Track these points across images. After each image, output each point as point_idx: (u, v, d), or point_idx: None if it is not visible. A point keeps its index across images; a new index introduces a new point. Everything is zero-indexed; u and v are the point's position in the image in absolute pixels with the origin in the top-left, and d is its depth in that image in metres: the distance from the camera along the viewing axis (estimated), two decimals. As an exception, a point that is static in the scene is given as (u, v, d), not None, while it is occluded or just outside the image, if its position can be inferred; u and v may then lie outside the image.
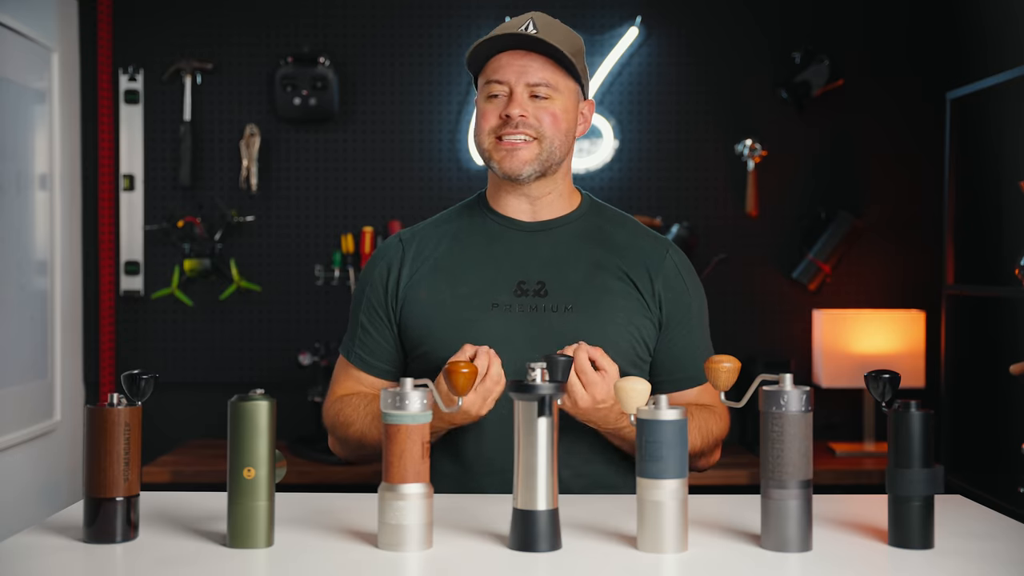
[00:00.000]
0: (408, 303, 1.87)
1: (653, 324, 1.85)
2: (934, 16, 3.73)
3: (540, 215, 1.89)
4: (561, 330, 1.79)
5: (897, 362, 3.47)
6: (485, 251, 1.87)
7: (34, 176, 3.36)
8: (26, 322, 3.28)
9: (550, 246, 1.87)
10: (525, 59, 1.80)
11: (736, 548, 1.42)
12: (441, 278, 1.86)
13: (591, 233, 1.90)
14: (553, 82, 1.81)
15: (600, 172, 3.76)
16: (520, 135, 1.80)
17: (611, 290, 1.84)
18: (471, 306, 1.82)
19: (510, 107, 1.79)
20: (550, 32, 1.80)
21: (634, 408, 1.43)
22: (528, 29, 1.79)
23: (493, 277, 1.84)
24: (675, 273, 1.88)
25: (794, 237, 3.76)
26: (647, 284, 1.86)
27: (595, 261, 1.86)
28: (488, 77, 1.83)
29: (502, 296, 1.82)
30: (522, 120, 1.79)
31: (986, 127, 3.40)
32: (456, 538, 1.46)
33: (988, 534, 1.51)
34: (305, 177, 3.77)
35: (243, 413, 1.39)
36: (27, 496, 3.31)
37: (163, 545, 1.42)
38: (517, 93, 1.80)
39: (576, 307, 1.82)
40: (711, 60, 3.77)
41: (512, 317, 1.81)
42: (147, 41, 3.74)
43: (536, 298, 1.82)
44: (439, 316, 1.83)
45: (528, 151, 1.81)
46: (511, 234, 1.88)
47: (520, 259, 1.86)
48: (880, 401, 1.43)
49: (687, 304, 1.88)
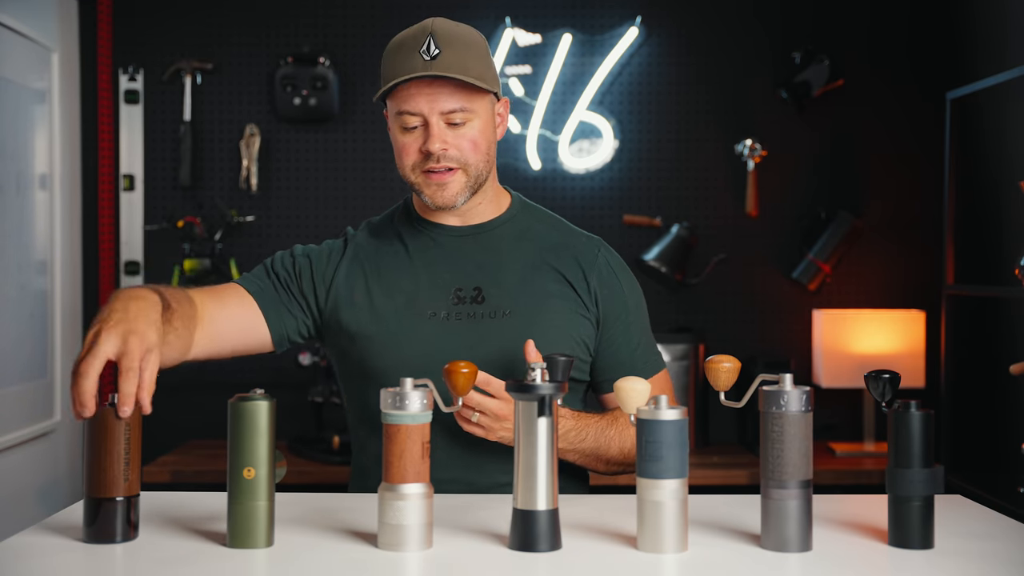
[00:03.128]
0: (339, 301, 1.84)
1: (591, 323, 1.85)
2: (934, 16, 3.73)
3: (470, 221, 1.88)
4: (499, 336, 1.78)
5: (897, 362, 3.47)
6: (419, 260, 1.86)
7: (34, 176, 3.36)
8: (26, 322, 3.28)
9: (482, 250, 1.86)
10: (434, 85, 1.75)
11: (736, 548, 1.42)
12: (378, 285, 1.84)
13: (523, 233, 1.89)
14: (467, 106, 1.77)
15: (600, 172, 3.76)
16: (443, 167, 1.78)
17: (548, 292, 1.83)
18: (408, 315, 1.81)
19: (429, 142, 1.76)
20: (451, 45, 1.75)
21: (634, 408, 1.43)
22: (430, 49, 1.74)
23: (428, 286, 1.83)
24: (608, 271, 1.88)
25: (794, 237, 3.76)
26: (582, 282, 1.85)
27: (529, 262, 1.85)
28: (399, 108, 1.78)
29: (439, 305, 1.81)
30: (443, 153, 1.77)
31: (986, 127, 3.40)
32: (456, 538, 1.46)
33: (988, 534, 1.51)
34: (305, 177, 3.77)
35: (243, 413, 1.39)
36: (27, 496, 3.31)
37: (163, 545, 1.42)
38: (433, 124, 1.76)
39: (514, 312, 1.80)
40: (711, 60, 3.77)
41: (449, 326, 1.80)
42: (147, 41, 3.74)
43: (473, 305, 1.81)
44: (376, 325, 1.82)
45: (456, 183, 1.79)
46: (444, 240, 1.87)
47: (454, 266, 1.84)
48: (880, 401, 1.43)
49: (623, 301, 1.87)
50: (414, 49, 1.76)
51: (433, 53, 1.74)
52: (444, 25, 1.79)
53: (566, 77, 3.74)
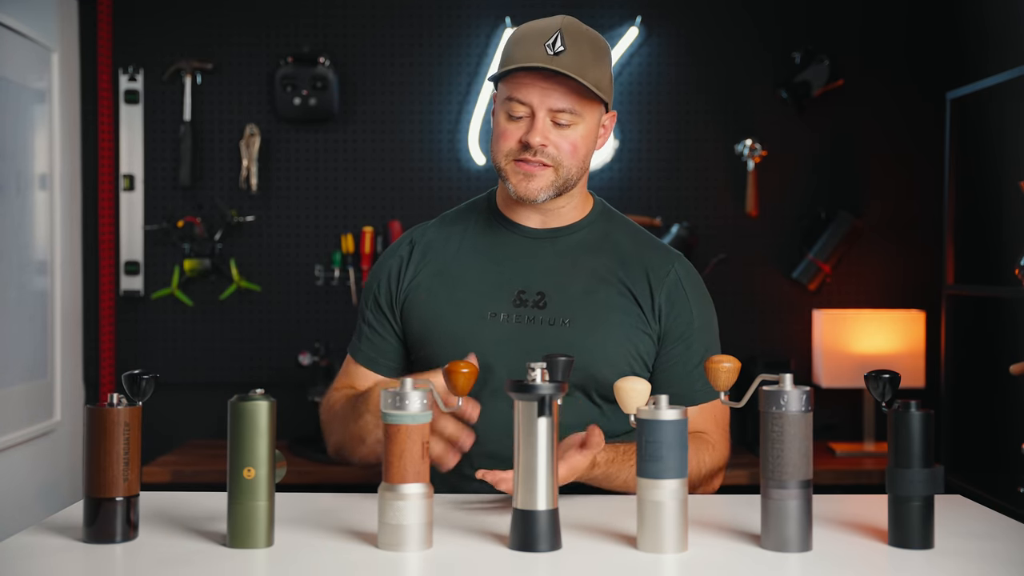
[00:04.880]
0: (409, 305, 1.86)
1: (652, 339, 1.83)
2: (934, 16, 3.73)
3: (549, 223, 1.87)
4: (557, 344, 1.77)
5: (897, 362, 3.47)
6: (488, 256, 1.86)
7: (34, 176, 3.36)
8: (26, 322, 3.28)
9: (554, 255, 1.85)
10: (551, 80, 1.74)
11: (736, 548, 1.42)
12: (441, 282, 1.85)
13: (598, 242, 1.87)
14: (577, 108, 1.76)
15: (600, 172, 3.75)
16: (537, 161, 1.77)
17: (610, 304, 1.82)
18: (467, 314, 1.81)
19: (531, 134, 1.75)
20: (578, 46, 1.75)
21: (634, 408, 1.43)
22: (556, 44, 1.73)
23: (493, 285, 1.83)
24: (678, 287, 1.85)
25: (794, 237, 3.76)
26: (647, 297, 1.83)
27: (597, 273, 1.84)
28: (510, 93, 1.77)
29: (500, 305, 1.81)
30: (541, 149, 1.76)
31: (986, 127, 3.40)
32: (456, 538, 1.46)
33: (988, 534, 1.51)
34: (305, 177, 3.77)
35: (243, 413, 1.39)
36: (27, 496, 3.31)
37: (163, 545, 1.42)
38: (539, 119, 1.75)
39: (573, 321, 1.80)
40: (711, 60, 3.77)
41: (508, 328, 1.79)
42: (147, 41, 3.74)
43: (535, 309, 1.80)
44: (436, 322, 1.82)
45: (544, 178, 1.78)
46: (516, 240, 1.86)
47: (523, 267, 1.84)
48: (880, 401, 1.43)
49: (688, 320, 1.84)
50: (540, 40, 1.75)
51: (558, 49, 1.74)
52: (575, 25, 1.78)
53: (566, 77, 3.73)
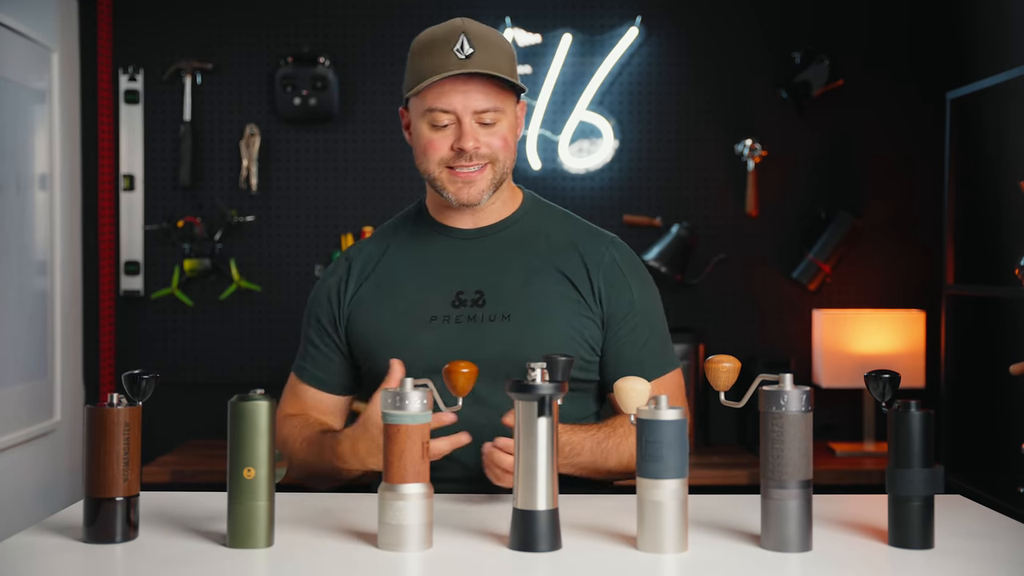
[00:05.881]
0: (352, 321, 1.87)
1: (595, 323, 1.84)
2: (934, 16, 3.73)
3: (481, 222, 1.88)
4: (499, 339, 1.78)
5: (897, 362, 3.46)
6: (423, 262, 1.87)
7: (34, 176, 3.36)
8: (26, 322, 3.28)
9: (488, 253, 1.86)
10: (468, 84, 1.76)
11: (736, 548, 1.42)
12: (382, 295, 1.86)
13: (530, 235, 1.89)
14: (498, 105, 1.78)
15: (600, 172, 3.75)
16: (473, 165, 1.78)
17: (548, 294, 1.83)
18: (409, 321, 1.82)
19: (463, 140, 1.76)
20: (484, 44, 1.76)
21: (634, 408, 1.43)
22: (463, 47, 1.75)
23: (431, 290, 1.84)
24: (615, 268, 1.86)
25: (794, 237, 3.76)
26: (585, 282, 1.84)
27: (532, 265, 1.85)
28: (430, 104, 1.78)
29: (440, 308, 1.82)
30: (475, 151, 1.77)
31: (986, 127, 3.40)
32: (456, 538, 1.46)
33: (988, 534, 1.51)
34: (305, 177, 3.77)
35: (243, 413, 1.39)
36: (27, 496, 3.31)
37: (163, 545, 1.42)
38: (466, 123, 1.77)
39: (513, 315, 1.80)
40: (711, 60, 3.77)
41: (449, 329, 1.80)
42: (147, 41, 3.74)
43: (474, 308, 1.81)
44: (379, 333, 1.84)
45: (483, 180, 1.80)
46: (450, 243, 1.88)
47: (458, 268, 1.85)
48: (880, 401, 1.43)
49: (629, 300, 1.85)
50: (447, 47, 1.76)
51: (468, 52, 1.75)
52: (475, 25, 1.80)
53: (566, 77, 3.74)
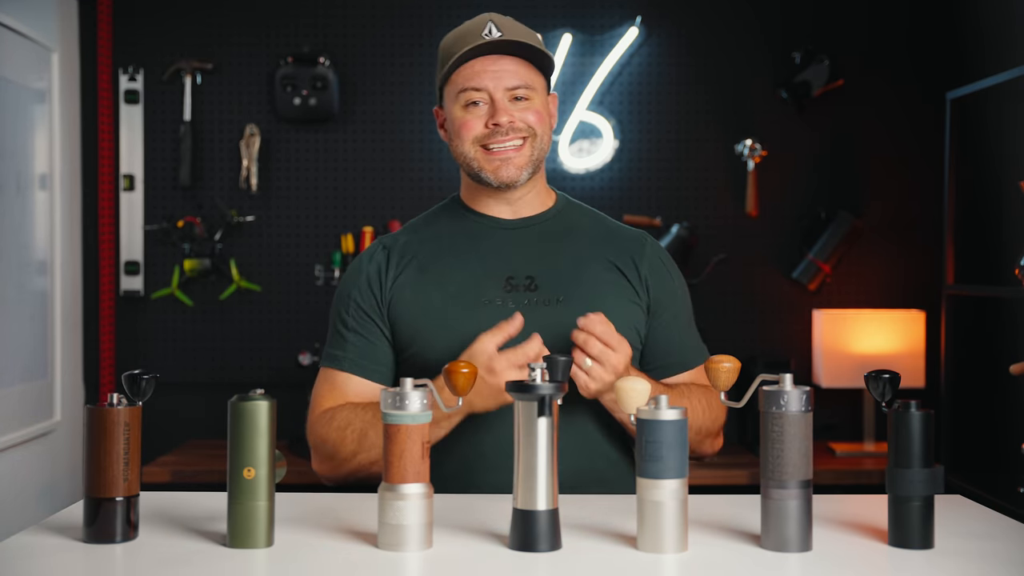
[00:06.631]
0: (395, 304, 1.85)
1: (642, 310, 1.87)
2: (934, 16, 3.73)
3: (520, 213, 1.90)
4: (555, 322, 1.77)
5: (897, 362, 3.47)
6: (470, 249, 1.87)
7: (34, 176, 3.36)
8: (26, 322, 3.28)
9: (534, 242, 1.87)
10: (499, 63, 1.79)
11: (736, 548, 1.42)
12: (427, 279, 1.85)
13: (571, 228, 1.91)
14: (530, 82, 1.81)
15: (600, 172, 3.76)
16: (511, 141, 1.79)
17: (600, 279, 1.85)
18: (461, 304, 1.81)
19: (497, 115, 1.78)
20: (511, 27, 1.80)
21: (634, 408, 1.43)
22: (491, 32, 1.78)
23: (481, 274, 1.84)
24: (656, 259, 1.91)
25: (794, 237, 3.76)
26: (633, 270, 1.87)
27: (580, 254, 1.87)
28: (462, 85, 1.80)
29: (492, 292, 1.82)
30: (511, 126, 1.79)
31: (986, 127, 3.40)
32: (456, 538, 1.46)
33: (988, 534, 1.50)
34: (305, 177, 3.77)
35: (243, 413, 1.39)
36: (27, 496, 3.31)
37: (163, 545, 1.42)
38: (499, 99, 1.79)
39: (567, 299, 1.81)
40: (711, 60, 3.77)
41: (504, 312, 1.79)
42: (147, 41, 3.74)
43: (527, 292, 1.82)
44: (428, 316, 1.82)
45: (520, 157, 1.81)
46: (494, 232, 1.88)
47: (506, 255, 1.85)
48: (880, 401, 1.43)
49: (672, 289, 1.90)
50: (476, 33, 1.79)
51: (496, 35, 1.78)
52: (501, 16, 1.83)
53: (566, 77, 3.74)
